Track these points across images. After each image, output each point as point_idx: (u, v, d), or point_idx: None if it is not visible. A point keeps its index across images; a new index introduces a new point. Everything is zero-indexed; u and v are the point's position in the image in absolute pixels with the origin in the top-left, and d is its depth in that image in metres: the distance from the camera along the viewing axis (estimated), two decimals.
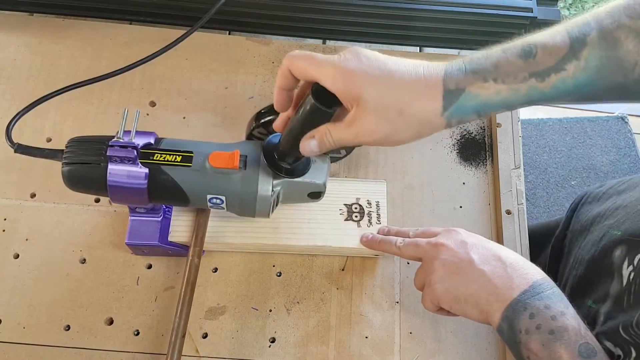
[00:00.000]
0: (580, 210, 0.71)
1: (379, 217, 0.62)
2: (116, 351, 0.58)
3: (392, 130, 0.43)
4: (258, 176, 0.51)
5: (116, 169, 0.50)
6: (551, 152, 1.73)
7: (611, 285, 0.54)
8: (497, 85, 0.42)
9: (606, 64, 0.41)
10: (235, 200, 0.52)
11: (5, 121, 0.68)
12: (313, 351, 0.59)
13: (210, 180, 0.51)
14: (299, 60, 0.44)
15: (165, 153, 0.51)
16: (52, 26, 0.75)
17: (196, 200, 0.53)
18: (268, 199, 0.52)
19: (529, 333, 0.45)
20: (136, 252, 0.62)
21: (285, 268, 0.63)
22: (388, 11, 0.73)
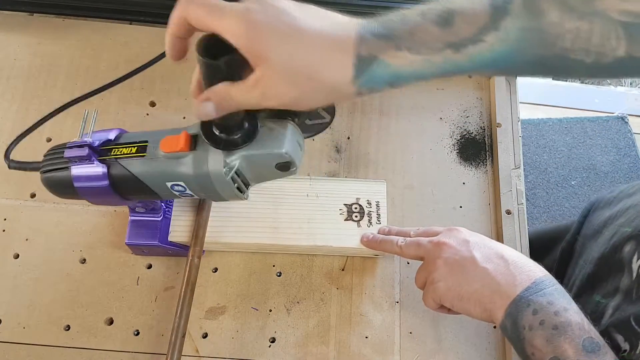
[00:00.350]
0: (592, 216, 0.71)
1: (379, 217, 0.62)
2: (116, 351, 0.58)
3: (300, 93, 0.39)
4: (208, 155, 0.47)
5: (78, 170, 0.49)
6: (551, 152, 1.73)
7: (621, 280, 0.53)
8: (411, 55, 0.39)
9: (527, 36, 0.37)
10: (194, 185, 0.49)
11: (5, 121, 0.69)
12: (313, 351, 0.59)
13: (164, 167, 0.48)
14: (197, 8, 0.39)
15: (122, 146, 0.49)
16: (52, 26, 0.75)
17: (160, 190, 0.50)
18: (223, 177, 0.47)
19: (532, 329, 0.45)
20: (136, 252, 0.62)
21: (285, 268, 0.63)
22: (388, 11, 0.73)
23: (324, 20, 0.40)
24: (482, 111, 0.75)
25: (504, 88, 0.74)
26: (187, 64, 0.76)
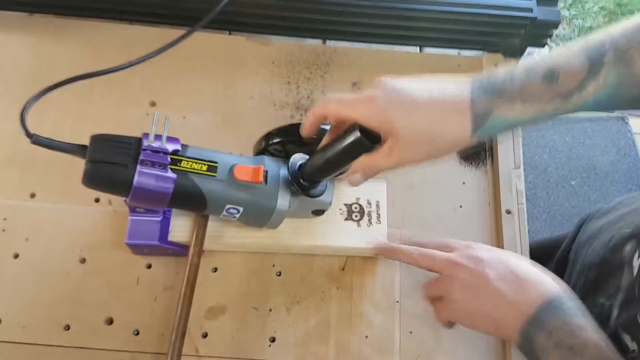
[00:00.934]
0: (587, 224, 0.71)
1: (379, 217, 0.62)
2: (116, 351, 0.58)
3: (427, 153, 0.47)
4: (278, 192, 0.54)
5: (146, 172, 0.49)
6: (551, 152, 1.73)
7: (622, 279, 0.53)
8: (523, 107, 0.45)
9: (623, 80, 0.44)
10: (252, 212, 0.54)
11: (6, 121, 0.69)
12: (313, 351, 0.59)
13: (233, 191, 0.53)
14: (333, 105, 0.49)
15: (192, 161, 0.52)
16: (52, 26, 0.75)
17: (214, 209, 0.54)
18: (284, 214, 0.55)
19: (546, 350, 0.45)
20: (136, 252, 0.62)
21: (286, 268, 0.63)
22: (388, 11, 0.73)
23: (437, 89, 0.47)
24: None
25: None
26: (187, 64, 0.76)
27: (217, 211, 0.54)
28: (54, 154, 0.67)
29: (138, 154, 0.50)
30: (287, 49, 0.76)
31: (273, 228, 0.57)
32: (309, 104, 0.73)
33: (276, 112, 0.72)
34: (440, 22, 0.74)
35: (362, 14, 0.74)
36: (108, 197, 0.65)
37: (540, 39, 0.76)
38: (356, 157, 0.50)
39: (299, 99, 0.73)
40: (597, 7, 2.10)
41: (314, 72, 0.75)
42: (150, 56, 0.58)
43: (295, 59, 0.76)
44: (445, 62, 0.77)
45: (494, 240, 0.67)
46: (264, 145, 0.58)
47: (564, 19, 2.07)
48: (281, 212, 0.54)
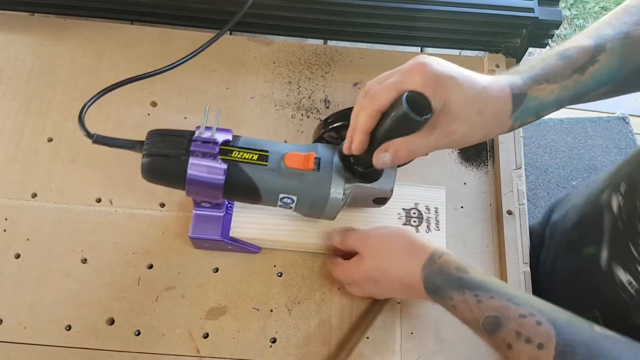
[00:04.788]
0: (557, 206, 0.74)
1: (438, 224, 0.61)
2: (117, 351, 0.58)
3: (468, 129, 0.47)
4: (331, 179, 0.53)
5: (197, 163, 0.50)
6: (552, 153, 1.73)
7: (604, 223, 0.55)
8: (550, 85, 0.48)
9: (627, 49, 0.49)
10: (306, 201, 0.53)
11: (7, 122, 0.69)
12: (314, 351, 0.59)
13: (285, 179, 0.52)
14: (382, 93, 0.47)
15: (243, 151, 0.52)
16: (53, 26, 0.75)
17: (268, 198, 0.53)
18: (338, 202, 0.53)
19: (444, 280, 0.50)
20: (197, 246, 0.62)
21: (287, 268, 0.63)
22: (389, 11, 0.73)
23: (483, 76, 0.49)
24: None
25: None
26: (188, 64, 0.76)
27: (271, 201, 0.54)
28: (54, 154, 0.67)
29: (190, 146, 0.50)
30: (288, 49, 0.76)
31: (331, 219, 0.56)
32: (310, 104, 0.73)
33: (277, 112, 0.72)
34: (442, 22, 0.74)
35: (363, 14, 0.74)
36: (109, 198, 0.65)
37: (541, 39, 0.76)
38: (392, 137, 0.48)
39: (300, 99, 0.73)
40: (598, 7, 2.10)
41: (315, 72, 0.75)
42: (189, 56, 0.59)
43: (297, 59, 0.76)
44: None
45: (494, 240, 0.67)
46: (320, 133, 0.58)
47: (565, 19, 2.07)
48: (335, 200, 0.53)
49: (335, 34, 0.79)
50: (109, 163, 0.67)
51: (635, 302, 0.49)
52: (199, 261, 0.63)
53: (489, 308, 0.45)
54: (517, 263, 0.64)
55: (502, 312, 0.45)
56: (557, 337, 0.41)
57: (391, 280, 0.53)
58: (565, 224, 0.66)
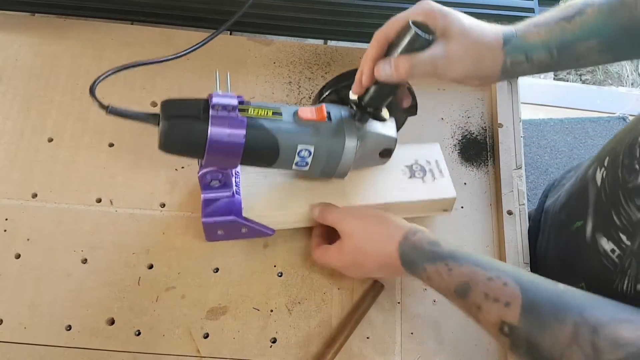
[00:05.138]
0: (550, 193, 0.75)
1: (441, 172, 0.64)
2: (117, 351, 0.58)
3: (464, 52, 0.52)
4: (344, 127, 0.55)
5: (219, 117, 0.50)
6: (552, 153, 1.73)
7: (589, 196, 0.57)
8: (537, 28, 0.53)
9: (614, 7, 0.52)
10: (323, 152, 0.55)
11: (7, 122, 0.69)
12: (314, 351, 0.59)
13: (302, 129, 0.54)
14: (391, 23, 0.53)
15: (258, 108, 0.53)
16: (53, 26, 0.75)
17: (286, 153, 0.54)
18: (353, 150, 0.55)
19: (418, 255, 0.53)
20: (210, 237, 0.62)
21: (287, 268, 0.63)
22: (389, 11, 0.72)
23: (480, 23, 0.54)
24: (483, 112, 0.75)
25: (505, 88, 0.74)
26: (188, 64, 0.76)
27: (289, 157, 0.54)
28: (54, 154, 0.67)
29: (208, 107, 0.50)
30: (288, 49, 0.76)
31: (343, 175, 0.58)
32: (310, 104, 0.72)
33: None
34: None
35: (363, 14, 0.74)
36: (109, 198, 0.65)
37: None
38: None
39: (300, 99, 0.73)
40: None
41: (315, 72, 0.75)
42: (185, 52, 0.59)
43: (297, 59, 0.76)
44: None
45: (495, 240, 0.67)
46: (322, 96, 0.60)
47: None
48: (350, 148, 0.55)
49: (335, 34, 0.79)
50: (109, 163, 0.67)
51: (617, 269, 0.51)
52: (199, 261, 0.63)
53: (459, 275, 0.48)
54: (517, 263, 0.64)
55: (471, 277, 0.47)
56: (523, 295, 0.43)
57: (371, 261, 0.55)
58: (556, 206, 0.68)
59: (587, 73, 1.99)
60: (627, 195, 0.49)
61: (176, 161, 0.68)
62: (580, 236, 0.56)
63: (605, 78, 1.98)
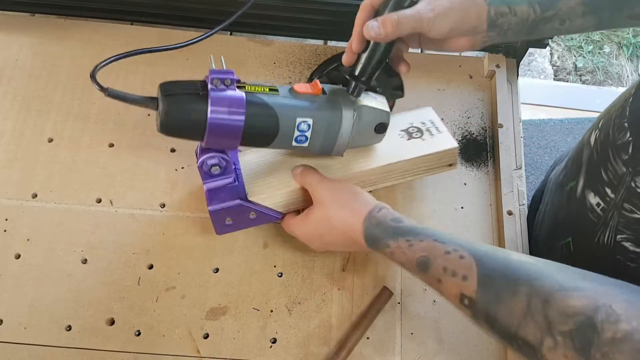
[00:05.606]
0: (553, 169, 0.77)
1: (438, 128, 0.64)
2: (117, 351, 0.58)
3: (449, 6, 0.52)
4: (339, 99, 0.55)
5: (218, 92, 0.50)
6: (552, 153, 1.73)
7: (582, 157, 0.59)
8: None
9: None
10: (322, 124, 0.55)
11: (7, 122, 0.69)
12: (314, 352, 0.59)
13: (299, 102, 0.54)
14: None
15: (254, 85, 0.53)
16: (53, 26, 0.75)
17: (286, 127, 0.53)
18: (350, 122, 0.55)
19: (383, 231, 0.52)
20: (219, 228, 0.60)
21: (287, 268, 0.63)
22: None
23: None
24: (483, 112, 0.75)
25: (505, 89, 0.74)
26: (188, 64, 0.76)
27: (289, 130, 0.54)
28: (54, 154, 0.67)
29: (206, 85, 0.50)
30: (288, 49, 0.76)
31: (340, 153, 0.58)
32: None
33: None
34: None
35: None
36: (109, 198, 0.65)
37: (541, 39, 0.76)
38: None
39: None
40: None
41: None
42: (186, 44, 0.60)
43: (297, 59, 0.76)
44: (446, 62, 0.77)
45: (494, 240, 0.67)
46: (317, 77, 0.61)
47: None
48: (348, 119, 0.55)
49: (334, 34, 0.79)
50: (109, 163, 0.67)
51: (601, 221, 0.54)
52: (199, 261, 0.63)
53: (419, 249, 0.49)
54: None
55: (430, 252, 0.48)
56: (478, 268, 0.44)
57: (335, 234, 0.56)
58: (557, 172, 0.70)
59: (587, 73, 1.99)
60: (615, 151, 0.52)
61: (176, 161, 0.68)
62: (572, 194, 0.59)
63: (605, 78, 1.98)
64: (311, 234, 0.58)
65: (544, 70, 1.99)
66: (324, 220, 0.56)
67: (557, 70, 2.00)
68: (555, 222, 0.65)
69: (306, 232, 0.58)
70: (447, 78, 0.76)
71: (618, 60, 2.01)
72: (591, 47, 2.03)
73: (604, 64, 2.00)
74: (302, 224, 0.58)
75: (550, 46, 2.03)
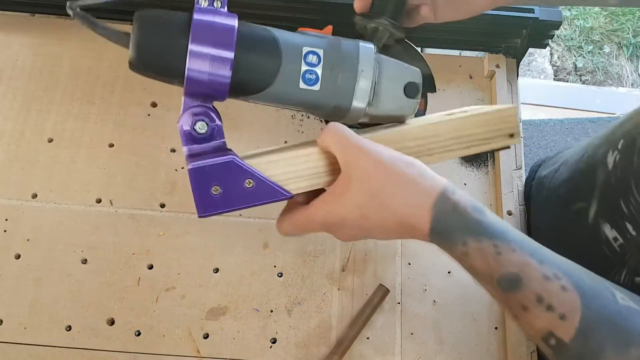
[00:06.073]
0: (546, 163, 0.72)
1: None
2: (117, 351, 0.58)
3: None
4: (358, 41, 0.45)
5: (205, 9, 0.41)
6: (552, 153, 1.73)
7: (596, 178, 0.52)
8: None
9: None
10: (336, 57, 0.44)
11: (7, 122, 0.69)
12: (314, 352, 0.59)
13: (306, 36, 0.44)
14: None
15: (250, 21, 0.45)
16: (53, 27, 0.75)
17: (290, 58, 0.43)
18: (371, 53, 0.44)
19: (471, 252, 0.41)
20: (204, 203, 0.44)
21: (287, 269, 0.63)
22: None
23: None
24: None
25: (505, 89, 0.74)
26: None
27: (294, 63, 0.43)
28: (54, 154, 0.67)
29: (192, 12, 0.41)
30: None
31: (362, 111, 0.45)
32: None
33: (277, 112, 0.72)
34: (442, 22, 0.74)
35: None
36: (109, 198, 0.65)
37: (541, 39, 0.76)
38: None
39: None
40: (598, 7, 2.10)
41: None
42: None
43: None
44: (446, 62, 0.77)
45: None
46: None
47: (565, 19, 2.07)
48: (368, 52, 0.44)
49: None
50: (109, 163, 0.67)
51: (618, 258, 0.47)
52: (199, 261, 0.63)
53: (508, 262, 0.38)
54: None
55: (523, 270, 0.38)
56: (583, 309, 0.36)
57: (388, 218, 0.42)
58: (555, 179, 0.63)
59: (587, 74, 1.99)
60: (639, 182, 0.44)
61: (176, 161, 0.68)
62: (582, 218, 0.53)
63: (605, 78, 1.98)
64: (347, 218, 0.42)
65: (544, 70, 1.99)
66: (371, 200, 0.41)
67: (557, 70, 2.00)
68: (557, 239, 0.60)
69: (339, 215, 0.42)
70: (447, 78, 0.76)
71: (618, 60, 2.01)
72: (591, 47, 2.03)
73: (604, 64, 2.00)
74: (334, 205, 0.42)
75: (550, 46, 2.03)
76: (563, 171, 0.63)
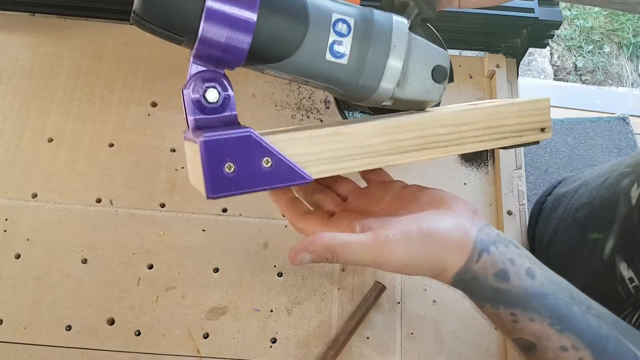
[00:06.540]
0: (567, 180, 0.70)
1: None
2: (117, 351, 0.58)
3: None
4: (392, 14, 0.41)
5: None
6: (552, 153, 1.73)
7: (617, 211, 0.50)
8: None
9: None
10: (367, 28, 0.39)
11: (7, 122, 0.69)
12: (314, 352, 0.59)
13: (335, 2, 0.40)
14: None
15: None
16: (53, 26, 0.75)
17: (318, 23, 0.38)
18: (405, 27, 0.40)
19: None
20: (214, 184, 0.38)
21: (287, 268, 0.63)
22: None
23: None
24: None
25: (505, 89, 0.74)
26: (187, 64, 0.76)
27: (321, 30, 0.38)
28: (54, 154, 0.67)
29: None
30: None
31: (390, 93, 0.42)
32: (310, 104, 0.73)
33: (277, 112, 0.72)
34: (441, 22, 0.74)
35: None
36: (109, 198, 0.65)
37: (541, 39, 0.76)
38: None
39: (300, 100, 0.73)
40: (598, 7, 2.10)
41: None
42: None
43: None
44: None
45: None
46: None
47: (566, 19, 2.07)
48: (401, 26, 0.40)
49: None
50: (109, 163, 0.67)
51: (631, 299, 0.47)
52: (199, 261, 0.63)
53: (524, 331, 0.38)
54: None
55: (539, 339, 0.38)
56: None
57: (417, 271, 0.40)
58: (574, 200, 0.62)
59: (587, 73, 1.99)
60: None
61: (176, 161, 0.68)
62: (598, 250, 0.52)
63: (605, 78, 1.98)
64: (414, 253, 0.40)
65: (543, 70, 1.99)
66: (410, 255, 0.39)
67: (557, 70, 2.00)
68: (566, 263, 0.58)
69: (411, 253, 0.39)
70: None
71: (618, 60, 2.01)
72: (591, 47, 2.03)
73: (604, 63, 2.00)
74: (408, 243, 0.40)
75: (550, 46, 2.03)
76: (582, 193, 0.61)
